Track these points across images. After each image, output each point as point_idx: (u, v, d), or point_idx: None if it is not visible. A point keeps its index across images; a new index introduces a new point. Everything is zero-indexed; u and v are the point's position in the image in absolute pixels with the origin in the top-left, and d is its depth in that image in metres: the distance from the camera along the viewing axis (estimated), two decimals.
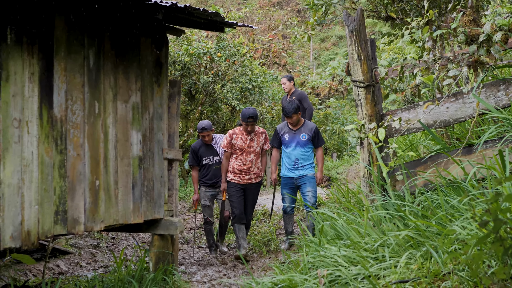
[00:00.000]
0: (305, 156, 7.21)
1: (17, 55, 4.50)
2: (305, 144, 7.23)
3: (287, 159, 7.29)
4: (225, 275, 6.95)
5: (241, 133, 7.55)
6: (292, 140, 7.24)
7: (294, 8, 28.91)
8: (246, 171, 7.51)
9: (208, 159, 7.99)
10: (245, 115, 7.41)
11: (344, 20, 4.93)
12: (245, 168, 7.51)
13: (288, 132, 7.30)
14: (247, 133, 7.50)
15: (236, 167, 7.53)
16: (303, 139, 7.21)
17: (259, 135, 7.61)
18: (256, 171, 7.60)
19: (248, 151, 7.51)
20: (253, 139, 7.55)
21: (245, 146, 7.50)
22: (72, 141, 4.97)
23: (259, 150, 7.60)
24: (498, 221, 2.00)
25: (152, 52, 5.95)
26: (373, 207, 4.40)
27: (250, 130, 7.44)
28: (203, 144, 8.00)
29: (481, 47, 4.02)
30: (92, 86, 5.19)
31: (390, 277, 3.28)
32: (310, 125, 7.35)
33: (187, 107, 12.34)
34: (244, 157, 7.50)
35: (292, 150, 7.24)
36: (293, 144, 7.24)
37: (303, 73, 20.62)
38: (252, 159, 7.53)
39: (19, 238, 4.48)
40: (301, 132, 7.26)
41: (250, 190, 7.61)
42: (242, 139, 7.51)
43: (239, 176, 7.53)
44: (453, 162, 4.24)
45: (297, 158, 7.21)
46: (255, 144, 7.55)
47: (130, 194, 5.61)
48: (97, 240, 8.62)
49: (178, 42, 11.80)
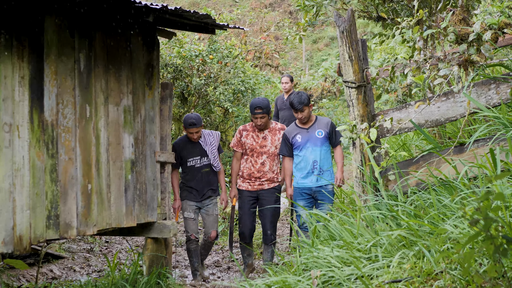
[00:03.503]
0: (323, 157, 6.05)
1: (6, 59, 4.47)
2: (323, 142, 6.05)
3: (303, 163, 6.04)
4: (219, 277, 6.94)
5: (252, 130, 6.46)
6: (307, 140, 6.06)
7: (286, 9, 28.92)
8: (257, 177, 6.39)
9: (194, 160, 6.59)
10: (252, 106, 6.32)
11: (335, 21, 4.94)
12: (255, 172, 6.40)
13: (300, 132, 6.11)
14: (259, 129, 6.41)
15: (245, 171, 6.45)
16: (320, 136, 6.04)
17: (275, 132, 6.42)
18: (271, 176, 6.41)
19: (259, 152, 6.38)
20: (267, 137, 6.40)
21: (256, 146, 6.39)
22: (63, 145, 4.95)
23: (274, 151, 6.38)
24: (488, 220, 2.01)
25: (143, 55, 5.93)
26: (366, 207, 4.40)
27: (260, 126, 6.32)
28: (188, 142, 6.61)
29: (471, 46, 4.04)
30: (83, 89, 5.17)
31: (383, 277, 3.28)
32: (325, 120, 6.23)
33: (179, 110, 12.32)
34: (255, 159, 6.39)
35: (308, 152, 6.02)
36: (308, 145, 6.03)
37: (296, 74, 20.61)
38: (265, 162, 6.37)
39: (11, 243, 4.46)
40: (316, 128, 6.09)
41: (265, 197, 6.40)
42: (253, 137, 6.42)
43: (248, 182, 6.45)
44: (445, 161, 4.25)
45: (315, 160, 5.99)
46: (268, 143, 6.39)
47: (123, 198, 5.59)
48: (90, 244, 8.58)
49: (170, 44, 11.79)
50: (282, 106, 10.26)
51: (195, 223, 6.56)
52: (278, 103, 10.49)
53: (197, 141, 6.54)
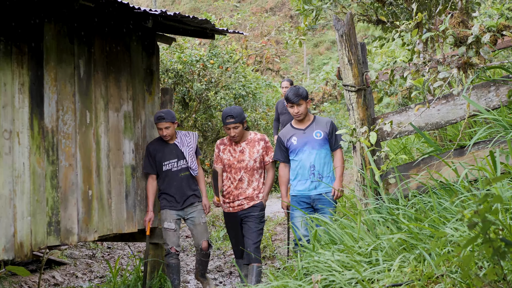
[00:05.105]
0: (323, 161, 5.35)
1: (6, 66, 4.49)
2: (322, 144, 5.36)
3: (300, 169, 5.37)
4: (221, 282, 6.93)
5: (230, 144, 5.77)
6: (304, 142, 5.36)
7: (287, 13, 28.99)
8: (235, 195, 5.68)
9: (171, 163, 5.84)
10: (223, 116, 5.61)
11: (334, 25, 4.93)
12: (233, 190, 5.69)
13: (296, 134, 5.41)
14: (235, 142, 5.71)
15: (225, 188, 5.75)
16: (318, 138, 5.36)
17: (253, 144, 5.72)
18: (249, 193, 5.67)
19: (237, 168, 5.67)
20: (244, 150, 5.69)
21: (233, 161, 5.69)
22: (63, 151, 4.96)
23: (253, 165, 5.67)
24: (487, 223, 2.00)
25: (143, 60, 5.94)
26: (367, 211, 4.39)
27: (234, 137, 5.62)
28: (163, 143, 5.88)
29: (470, 48, 4.04)
30: (83, 95, 5.18)
31: (384, 281, 3.27)
32: (324, 120, 5.52)
33: (181, 115, 12.34)
34: (233, 175, 5.69)
35: (304, 156, 5.34)
36: (305, 148, 5.34)
37: (297, 78, 20.66)
38: (242, 178, 5.66)
39: (11, 250, 4.46)
40: (314, 129, 5.41)
41: (246, 216, 5.69)
42: (230, 152, 5.73)
43: (228, 203, 5.75)
44: (445, 164, 4.24)
45: (313, 165, 5.31)
46: (246, 156, 5.67)
47: (124, 203, 5.59)
48: (92, 250, 8.58)
49: (171, 50, 11.82)
50: (283, 110, 10.26)
51: (175, 234, 5.81)
52: (278, 107, 10.49)
53: (167, 139, 5.82)
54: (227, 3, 20.53)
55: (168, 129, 5.73)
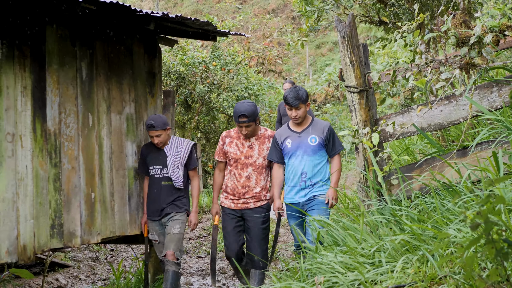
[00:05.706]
0: (315, 168, 5.10)
1: (8, 69, 4.50)
2: (315, 151, 5.10)
3: (291, 174, 5.15)
4: (224, 284, 6.92)
5: (237, 137, 5.48)
6: (297, 146, 5.13)
7: (289, 15, 29.00)
8: (241, 193, 5.39)
9: (155, 169, 5.63)
10: (235, 114, 5.29)
11: (336, 26, 4.93)
12: (239, 187, 5.39)
13: (291, 136, 5.18)
14: (245, 137, 5.46)
15: (229, 185, 5.46)
16: (312, 143, 5.10)
17: (263, 141, 5.45)
18: (256, 192, 5.41)
19: (244, 163, 5.39)
20: (253, 146, 5.42)
21: (240, 156, 5.40)
22: (66, 154, 4.97)
23: (262, 163, 5.40)
24: (490, 223, 1.99)
25: (145, 63, 5.95)
26: (370, 212, 4.38)
27: (246, 134, 5.36)
28: (154, 148, 5.65)
29: (472, 49, 4.03)
30: (85, 98, 5.19)
31: (387, 282, 3.26)
32: (322, 124, 5.24)
33: (183, 117, 12.35)
34: (239, 171, 5.40)
35: (296, 161, 5.11)
36: (298, 153, 5.11)
37: (299, 80, 20.67)
38: (250, 175, 5.38)
39: (15, 253, 4.47)
40: (309, 134, 5.15)
41: (251, 218, 5.40)
42: (238, 146, 5.44)
43: (231, 199, 5.45)
44: (448, 165, 4.23)
45: (304, 172, 5.07)
46: (255, 153, 5.40)
47: (127, 206, 5.60)
48: (96, 252, 8.58)
49: (173, 52, 11.83)
50: (285, 112, 10.26)
51: (161, 245, 5.65)
52: (281, 109, 10.50)
53: (160, 146, 5.60)
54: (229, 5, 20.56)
55: (159, 137, 5.50)
